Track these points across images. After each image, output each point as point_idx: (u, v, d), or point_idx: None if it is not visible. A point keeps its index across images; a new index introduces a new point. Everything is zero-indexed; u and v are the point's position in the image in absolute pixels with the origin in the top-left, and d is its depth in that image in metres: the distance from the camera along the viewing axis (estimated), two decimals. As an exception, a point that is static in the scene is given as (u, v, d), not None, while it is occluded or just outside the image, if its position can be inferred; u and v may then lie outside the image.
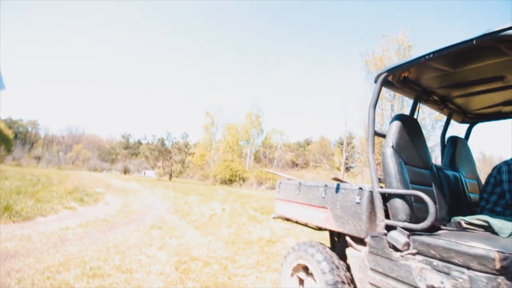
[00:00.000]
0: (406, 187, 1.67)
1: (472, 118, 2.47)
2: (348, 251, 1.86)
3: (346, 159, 21.57)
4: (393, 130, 1.80)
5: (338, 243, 2.43)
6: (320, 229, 2.74)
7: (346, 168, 21.74)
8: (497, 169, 2.00)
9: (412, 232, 1.54)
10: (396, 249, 1.54)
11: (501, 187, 1.94)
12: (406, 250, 1.51)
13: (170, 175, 33.30)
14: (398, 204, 1.63)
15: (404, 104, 16.98)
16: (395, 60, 17.81)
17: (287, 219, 2.70)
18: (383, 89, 1.96)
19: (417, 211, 1.66)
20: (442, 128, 2.52)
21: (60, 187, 9.50)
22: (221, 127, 47.10)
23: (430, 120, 16.30)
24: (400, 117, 1.88)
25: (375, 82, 1.82)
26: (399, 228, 1.56)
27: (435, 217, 1.46)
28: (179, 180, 35.11)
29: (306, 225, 2.57)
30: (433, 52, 1.48)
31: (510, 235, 1.51)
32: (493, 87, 1.87)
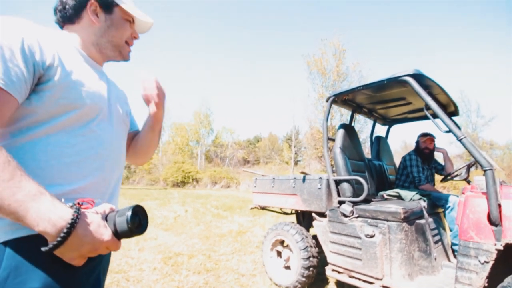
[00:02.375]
0: (350, 174, 2.45)
1: (389, 122, 3.47)
2: (314, 223, 2.58)
3: (295, 153, 23.43)
4: (339, 135, 2.58)
5: (303, 221, 3.17)
6: (286, 213, 3.45)
7: (295, 162, 23.64)
8: (404, 158, 2.97)
9: (354, 203, 2.32)
10: (345, 216, 2.31)
11: (407, 170, 2.90)
12: (351, 215, 2.28)
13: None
14: (346, 186, 2.40)
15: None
16: (332, 62, 20.08)
17: (263, 208, 3.34)
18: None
19: (357, 189, 2.45)
20: (371, 129, 3.47)
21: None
22: (168, 128, 45.34)
23: (363, 118, 18.92)
24: (343, 126, 2.67)
25: (326, 101, 2.56)
26: (347, 202, 2.33)
27: (368, 193, 2.26)
28: (124, 186, 32.84)
29: (280, 210, 3.24)
30: (363, 86, 2.27)
31: (410, 199, 2.42)
32: (399, 103, 2.80)
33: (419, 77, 2.00)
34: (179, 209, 9.31)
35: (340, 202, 2.38)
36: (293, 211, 3.27)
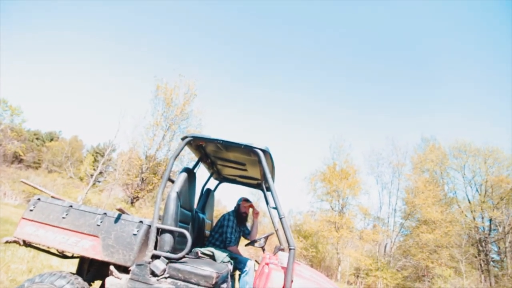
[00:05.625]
0: (177, 225, 2.19)
1: (222, 179, 3.68)
2: (109, 280, 1.96)
3: (100, 173, 19.64)
4: (180, 179, 2.35)
5: (87, 272, 2.39)
6: (65, 256, 2.52)
7: (94, 182, 19.60)
8: (223, 217, 3.12)
9: (170, 260, 2.03)
10: (155, 275, 1.94)
11: (222, 229, 3.03)
12: (162, 275, 1.95)
13: None
14: (167, 238, 2.08)
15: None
16: (181, 99, 20.48)
17: (29, 245, 2.24)
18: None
19: (177, 243, 2.20)
20: (206, 180, 3.50)
21: None
22: None
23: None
24: (187, 170, 2.48)
25: (182, 140, 2.33)
26: (162, 257, 2.00)
27: (189, 250, 2.07)
28: None
29: (57, 251, 2.29)
30: (222, 140, 2.28)
31: (221, 261, 2.45)
32: (237, 167, 3.05)
33: (266, 153, 2.28)
34: None
35: (154, 257, 2.00)
36: (75, 255, 2.41)
